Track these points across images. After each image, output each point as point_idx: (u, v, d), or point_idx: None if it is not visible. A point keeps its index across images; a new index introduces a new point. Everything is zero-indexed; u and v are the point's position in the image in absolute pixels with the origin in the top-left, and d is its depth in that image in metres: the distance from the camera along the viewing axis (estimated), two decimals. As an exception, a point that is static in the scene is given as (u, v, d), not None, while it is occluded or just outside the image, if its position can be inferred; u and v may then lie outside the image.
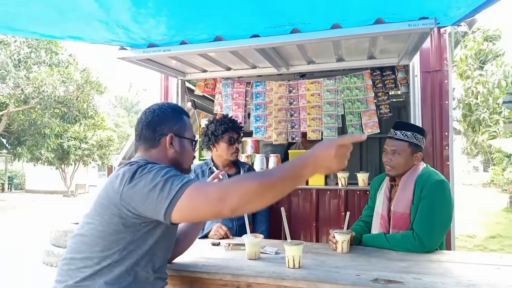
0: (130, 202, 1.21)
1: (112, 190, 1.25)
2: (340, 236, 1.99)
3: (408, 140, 2.13)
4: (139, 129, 1.46)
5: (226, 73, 3.36)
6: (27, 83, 13.31)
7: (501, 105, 7.67)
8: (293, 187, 1.19)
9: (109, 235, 1.23)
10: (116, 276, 1.23)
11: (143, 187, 1.19)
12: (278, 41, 2.17)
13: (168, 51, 2.35)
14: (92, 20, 1.76)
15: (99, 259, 1.23)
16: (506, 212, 12.90)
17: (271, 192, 1.14)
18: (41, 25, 1.80)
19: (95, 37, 2.04)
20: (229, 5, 1.52)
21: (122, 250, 1.24)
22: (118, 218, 1.22)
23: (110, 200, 1.24)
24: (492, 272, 1.67)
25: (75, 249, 1.27)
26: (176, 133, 1.46)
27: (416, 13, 1.91)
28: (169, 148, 1.44)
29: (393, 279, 1.54)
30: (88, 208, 1.32)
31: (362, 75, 3.17)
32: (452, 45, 2.97)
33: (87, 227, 1.27)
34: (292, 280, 1.57)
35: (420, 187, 2.06)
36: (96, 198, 1.31)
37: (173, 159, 1.45)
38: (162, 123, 1.44)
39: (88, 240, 1.25)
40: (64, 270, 1.27)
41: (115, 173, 1.32)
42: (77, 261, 1.25)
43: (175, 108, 1.52)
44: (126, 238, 1.24)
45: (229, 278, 1.64)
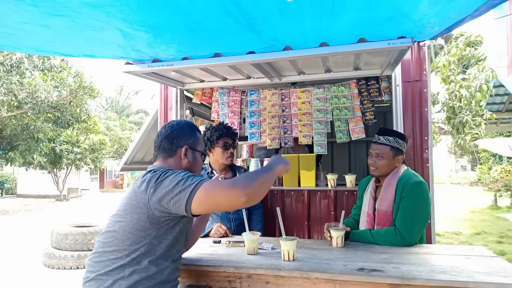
0: (157, 201, 1.44)
1: (140, 193, 1.48)
2: (335, 232, 2.22)
3: (390, 145, 2.37)
4: (158, 140, 1.71)
5: (222, 83, 3.55)
6: (20, 89, 13.30)
7: (484, 107, 8.00)
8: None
9: (137, 231, 1.45)
10: (143, 266, 1.45)
11: (167, 185, 1.44)
12: (272, 57, 2.39)
13: (171, 65, 2.55)
14: (112, 45, 1.97)
15: (128, 251, 1.45)
16: (491, 210, 13.23)
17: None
18: (65, 47, 2.00)
19: (106, 55, 2.24)
20: (229, 31, 1.74)
21: (148, 244, 1.46)
22: (146, 217, 1.45)
23: (139, 201, 1.47)
24: (462, 261, 1.92)
25: (106, 243, 1.49)
26: (190, 146, 1.72)
27: (395, 33, 2.15)
28: (183, 158, 1.70)
29: (375, 268, 1.76)
30: (117, 209, 1.55)
31: (349, 84, 3.39)
32: (432, 56, 3.22)
33: (118, 225, 1.49)
34: (287, 271, 1.78)
35: (401, 187, 2.29)
36: (125, 200, 1.53)
37: (186, 168, 1.69)
38: (179, 137, 1.70)
39: (119, 236, 1.47)
40: (95, 262, 1.48)
41: (141, 178, 1.55)
42: (108, 254, 1.46)
43: (190, 125, 1.78)
44: (152, 234, 1.47)
45: (232, 270, 1.85)
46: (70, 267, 5.64)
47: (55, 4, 1.40)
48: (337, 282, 1.73)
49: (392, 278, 1.66)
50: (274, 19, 1.62)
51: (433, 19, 1.86)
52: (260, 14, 1.54)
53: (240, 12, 1.48)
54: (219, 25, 1.66)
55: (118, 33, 1.73)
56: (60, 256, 5.62)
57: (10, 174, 26.51)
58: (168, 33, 1.81)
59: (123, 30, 1.69)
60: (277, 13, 1.53)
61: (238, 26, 1.67)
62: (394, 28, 2.09)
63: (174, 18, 1.58)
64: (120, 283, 1.42)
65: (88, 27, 1.65)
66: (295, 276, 1.78)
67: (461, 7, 1.74)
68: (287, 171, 1.75)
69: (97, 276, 1.46)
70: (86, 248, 5.70)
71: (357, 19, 1.72)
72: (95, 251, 1.53)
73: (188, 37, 1.89)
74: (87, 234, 5.73)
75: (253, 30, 1.73)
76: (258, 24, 1.67)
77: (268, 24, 1.68)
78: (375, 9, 1.59)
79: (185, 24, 1.66)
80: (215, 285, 1.90)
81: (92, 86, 14.16)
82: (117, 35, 1.75)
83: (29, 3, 1.35)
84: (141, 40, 1.90)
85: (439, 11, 1.73)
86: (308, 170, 3.34)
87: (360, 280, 1.70)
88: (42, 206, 16.99)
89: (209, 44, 2.05)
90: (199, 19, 1.58)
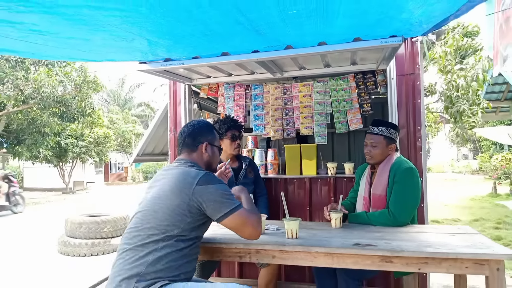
0: (200, 199, 1.74)
1: (184, 183, 1.77)
2: (334, 214, 2.46)
3: (384, 134, 2.60)
4: (182, 138, 2.01)
5: (228, 78, 3.75)
6: (25, 84, 13.51)
7: (483, 96, 8.15)
8: None
9: (176, 215, 1.73)
10: (174, 242, 1.72)
11: (213, 193, 1.77)
12: (275, 56, 2.60)
13: (182, 64, 2.77)
14: (136, 51, 2.20)
15: (164, 230, 1.72)
16: (491, 197, 13.42)
17: None
18: (93, 55, 2.22)
19: (126, 59, 2.46)
20: (237, 35, 1.96)
21: (182, 227, 1.74)
22: (186, 205, 1.74)
23: (182, 190, 1.75)
24: (447, 238, 2.15)
25: (144, 220, 1.75)
26: (209, 142, 2.03)
27: (386, 32, 2.36)
28: (204, 152, 2.01)
29: (369, 244, 2.00)
30: (155, 192, 1.83)
31: (347, 78, 3.59)
32: (425, 50, 3.42)
33: (158, 206, 1.75)
34: (291, 246, 2.02)
35: (393, 173, 2.52)
36: (165, 185, 1.81)
37: (207, 161, 2.03)
38: (200, 135, 2.01)
39: (159, 216, 1.74)
40: (133, 235, 1.75)
41: (184, 169, 1.86)
42: (145, 229, 1.73)
43: (208, 124, 2.09)
44: (186, 220, 1.75)
45: (242, 246, 2.09)
46: (84, 254, 5.93)
47: (99, 21, 1.64)
48: (334, 255, 1.97)
49: (383, 251, 1.90)
50: (277, 25, 1.84)
51: (419, 18, 2.07)
52: (265, 21, 1.76)
53: (248, 21, 1.70)
54: (229, 31, 1.88)
55: (145, 42, 1.96)
56: (75, 244, 5.91)
57: (16, 168, 26.85)
58: (186, 39, 2.03)
59: (150, 40, 1.93)
60: (280, 21, 1.75)
61: (245, 31, 1.89)
62: (385, 28, 2.30)
63: (193, 28, 1.81)
64: (153, 254, 1.68)
65: (122, 38, 1.89)
66: (298, 251, 2.02)
67: (443, 7, 1.94)
68: None
69: (134, 247, 1.71)
70: (99, 236, 5.98)
71: (350, 24, 1.93)
72: (133, 226, 1.79)
73: (202, 41, 2.11)
74: (100, 223, 6.00)
75: (258, 34, 1.95)
76: (263, 29, 1.89)
77: (272, 29, 1.90)
78: (364, 15, 1.80)
79: (201, 32, 1.89)
80: (228, 260, 2.14)
81: (96, 80, 14.36)
82: (143, 43, 1.98)
83: (81, 22, 1.59)
84: (162, 46, 2.13)
85: (423, 12, 1.93)
86: (309, 159, 3.57)
87: (354, 253, 1.93)
88: (49, 199, 17.31)
89: (219, 46, 2.27)
90: (213, 27, 1.81)
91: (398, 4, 1.77)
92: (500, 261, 1.78)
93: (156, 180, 1.95)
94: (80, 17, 1.58)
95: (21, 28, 1.63)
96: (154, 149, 5.40)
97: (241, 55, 2.64)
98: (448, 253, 1.83)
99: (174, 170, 1.89)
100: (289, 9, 1.63)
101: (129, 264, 1.67)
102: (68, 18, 1.58)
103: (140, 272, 1.64)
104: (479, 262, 1.80)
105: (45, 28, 1.66)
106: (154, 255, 1.68)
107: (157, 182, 1.91)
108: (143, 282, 1.62)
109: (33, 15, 1.52)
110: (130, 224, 1.83)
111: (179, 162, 1.96)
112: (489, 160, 20.50)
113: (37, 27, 1.64)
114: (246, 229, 1.86)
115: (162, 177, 1.92)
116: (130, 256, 1.69)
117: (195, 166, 1.94)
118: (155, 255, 1.68)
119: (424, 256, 1.86)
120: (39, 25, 1.62)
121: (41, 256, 6.22)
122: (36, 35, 1.72)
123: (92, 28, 1.72)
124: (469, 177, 24.48)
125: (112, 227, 6.09)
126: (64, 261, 5.80)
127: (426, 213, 3.18)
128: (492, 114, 12.18)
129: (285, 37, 2.09)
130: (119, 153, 31.90)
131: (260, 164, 3.67)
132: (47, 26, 1.62)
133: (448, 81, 7.15)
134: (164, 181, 1.86)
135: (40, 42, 1.82)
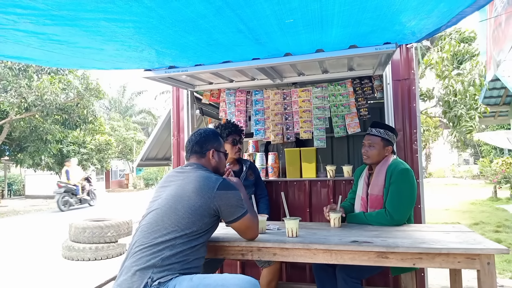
0: (219, 203, 1.93)
1: (207, 187, 1.93)
2: (333, 213, 2.56)
3: (381, 136, 2.71)
4: (190, 145, 2.16)
5: (229, 85, 3.86)
6: (28, 92, 13.65)
7: (481, 101, 8.25)
8: None
9: (196, 214, 1.89)
10: (190, 239, 1.87)
11: (230, 199, 1.97)
12: (274, 62, 2.71)
13: (185, 71, 2.88)
14: (144, 60, 2.31)
15: (184, 227, 1.86)
16: (491, 201, 13.43)
17: None
18: (102, 63, 2.33)
19: (133, 67, 2.58)
20: (239, 44, 2.07)
21: (199, 227, 1.90)
22: (207, 207, 1.90)
23: (205, 193, 1.91)
24: (441, 235, 2.24)
25: (164, 216, 1.88)
26: (216, 149, 2.18)
27: (380, 40, 2.47)
28: (211, 159, 2.16)
29: (366, 241, 2.09)
30: (178, 192, 1.96)
31: (345, 83, 3.69)
32: (419, 57, 3.53)
33: (180, 204, 1.89)
34: (291, 243, 2.11)
35: (390, 174, 2.62)
36: (189, 186, 1.95)
37: (214, 166, 2.18)
38: (207, 142, 2.16)
39: (180, 213, 1.88)
40: (151, 229, 1.87)
41: (203, 173, 2.01)
42: (166, 224, 1.86)
43: (214, 132, 2.23)
44: (204, 220, 1.91)
45: (244, 244, 2.18)
46: (88, 258, 6.00)
47: (113, 32, 1.76)
48: (333, 251, 2.06)
49: (379, 247, 1.99)
50: (276, 34, 1.95)
51: (411, 29, 2.18)
52: (264, 31, 1.87)
53: (249, 30, 1.81)
54: (232, 40, 2.00)
55: (153, 52, 2.08)
56: (79, 248, 5.99)
57: (17, 176, 26.94)
58: (191, 49, 2.15)
59: (158, 50, 2.05)
60: (278, 30, 1.87)
61: (246, 40, 2.00)
62: (378, 38, 2.41)
63: (198, 38, 1.92)
64: (170, 248, 1.82)
65: (133, 48, 2.01)
66: (298, 248, 2.11)
67: (434, 20, 2.05)
68: None
69: (152, 240, 1.84)
70: (103, 240, 6.06)
71: (344, 33, 2.04)
72: (152, 221, 1.91)
73: (206, 51, 2.23)
74: (104, 228, 6.08)
75: (258, 43, 2.07)
76: (262, 39, 2.00)
77: (271, 38, 2.01)
78: (358, 26, 1.91)
79: (206, 42, 2.00)
80: (230, 257, 2.23)
81: (98, 88, 14.50)
82: (152, 53, 2.10)
83: (97, 33, 1.71)
84: (169, 56, 2.25)
85: (416, 25, 2.05)
86: (309, 162, 3.67)
87: (352, 249, 2.03)
88: (51, 206, 17.35)
89: (221, 55, 2.39)
90: (217, 37, 1.92)
91: (390, 18, 1.89)
92: (490, 256, 1.87)
93: (170, 181, 2.07)
94: (97, 29, 1.70)
95: (43, 38, 1.75)
96: (157, 153, 5.52)
97: (242, 62, 2.75)
98: (441, 248, 1.92)
99: (191, 173, 2.03)
100: (286, 18, 1.74)
101: (147, 257, 1.79)
102: (86, 29, 1.70)
103: (156, 264, 1.77)
104: (471, 256, 1.89)
105: (64, 38, 1.78)
106: (171, 250, 1.81)
107: (172, 182, 2.04)
108: (157, 274, 1.75)
109: (56, 27, 1.64)
110: (146, 219, 1.95)
111: (192, 165, 2.11)
112: (489, 165, 20.54)
113: (57, 37, 1.76)
114: (249, 232, 2.11)
115: (177, 178, 2.05)
116: (147, 249, 1.82)
117: (208, 171, 2.11)
118: (172, 250, 1.82)
119: (418, 251, 1.94)
120: (59, 36, 1.74)
121: (45, 261, 6.29)
122: (55, 45, 1.84)
123: (107, 38, 1.83)
124: (470, 182, 24.49)
125: (116, 232, 6.17)
126: (68, 265, 5.87)
127: (423, 214, 3.27)
128: (491, 119, 12.30)
129: (283, 46, 2.21)
130: (120, 160, 31.99)
131: (261, 168, 3.77)
132: (67, 36, 1.74)
133: (445, 86, 7.25)
134: (182, 182, 1.99)
135: (56, 51, 1.93)
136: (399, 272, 2.64)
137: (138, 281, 1.73)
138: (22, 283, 5.13)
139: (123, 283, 1.77)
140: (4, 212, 15.10)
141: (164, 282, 1.75)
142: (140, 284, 1.72)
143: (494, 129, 18.34)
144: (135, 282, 1.74)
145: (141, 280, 1.74)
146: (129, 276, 1.77)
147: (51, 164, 19.11)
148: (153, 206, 1.99)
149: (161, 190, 2.07)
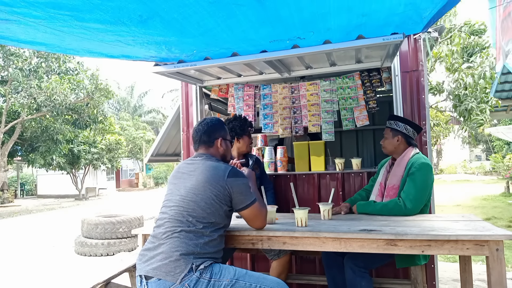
0: (231, 189, 2.01)
1: (218, 175, 2.00)
2: (323, 206, 2.57)
3: (390, 127, 2.79)
4: (198, 136, 2.20)
5: (237, 79, 3.89)
6: (39, 92, 13.86)
7: (493, 94, 8.14)
8: None
9: (215, 203, 1.97)
10: (211, 231, 1.96)
11: (241, 185, 2.04)
12: (282, 55, 2.73)
13: (194, 65, 2.92)
14: (150, 50, 2.35)
15: (208, 218, 1.95)
16: (504, 197, 13.30)
17: None
18: (112, 49, 2.37)
19: (140, 56, 2.61)
20: (243, 20, 2.06)
21: (219, 216, 1.99)
22: (222, 195, 1.99)
23: (218, 182, 1.98)
24: (451, 224, 2.24)
25: (188, 209, 1.96)
26: (223, 137, 2.23)
27: (387, 30, 2.47)
28: (220, 147, 2.21)
29: (374, 229, 2.10)
30: (194, 184, 2.02)
31: (353, 76, 3.69)
32: (428, 48, 3.51)
33: (199, 197, 1.96)
34: (300, 232, 2.13)
35: (409, 166, 2.65)
36: (201, 177, 2.01)
37: (222, 154, 2.23)
38: (214, 131, 2.21)
39: (202, 205, 1.96)
40: (176, 220, 1.95)
41: (212, 163, 2.08)
42: (189, 217, 1.94)
43: (220, 121, 2.29)
44: (223, 208, 2.00)
45: (254, 234, 2.21)
46: (100, 254, 6.10)
47: (130, 30, 1.79)
48: (342, 240, 2.08)
49: (387, 235, 2.00)
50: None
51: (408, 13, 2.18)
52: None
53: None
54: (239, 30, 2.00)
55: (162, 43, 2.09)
56: (91, 244, 6.09)
57: (30, 176, 27.37)
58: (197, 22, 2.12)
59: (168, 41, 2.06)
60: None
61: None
62: (385, 26, 2.41)
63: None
64: (203, 238, 1.92)
65: (145, 41, 2.03)
66: (307, 237, 2.13)
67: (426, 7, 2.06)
68: None
69: (185, 228, 1.92)
70: (114, 236, 6.15)
71: (351, 25, 2.04)
72: (175, 213, 1.97)
73: (216, 38, 2.25)
74: (115, 224, 6.17)
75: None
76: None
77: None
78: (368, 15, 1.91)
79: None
80: (241, 246, 2.26)
81: (108, 87, 14.66)
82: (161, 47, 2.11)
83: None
84: (178, 44, 2.25)
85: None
86: (317, 156, 3.67)
87: (361, 237, 2.04)
88: (63, 205, 17.61)
89: (230, 40, 2.38)
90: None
91: None
92: (499, 242, 1.87)
93: (182, 172, 2.12)
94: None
95: (53, 13, 1.75)
96: (167, 149, 5.58)
97: (250, 55, 2.78)
98: (449, 235, 1.92)
99: (201, 163, 2.09)
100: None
101: (186, 243, 1.88)
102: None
103: (195, 251, 1.88)
104: (479, 243, 1.90)
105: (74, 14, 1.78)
106: (204, 239, 1.92)
107: (185, 174, 2.09)
108: (198, 260, 1.87)
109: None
110: (170, 210, 2.00)
111: (201, 156, 2.16)
112: (502, 160, 20.27)
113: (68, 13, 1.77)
114: (257, 220, 2.16)
115: (187, 169, 2.11)
116: (184, 237, 1.90)
117: (217, 160, 2.16)
118: (205, 239, 1.93)
119: (427, 238, 1.95)
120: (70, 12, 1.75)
121: (59, 256, 6.41)
122: (64, 21, 1.82)
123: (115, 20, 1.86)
124: (482, 178, 24.22)
125: (127, 228, 6.25)
126: (81, 260, 5.97)
127: (433, 207, 3.25)
128: (503, 113, 12.11)
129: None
130: (130, 160, 32.29)
131: (270, 162, 3.79)
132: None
133: (455, 79, 7.19)
134: (195, 172, 2.05)
135: (66, 31, 1.94)
136: (404, 265, 2.64)
137: (182, 266, 1.83)
138: (36, 278, 5.23)
139: (162, 267, 1.84)
140: (18, 211, 15.37)
141: (208, 266, 1.87)
142: (184, 269, 1.82)
143: (506, 124, 18.07)
144: (178, 267, 1.83)
145: (185, 265, 1.83)
146: (171, 261, 1.84)
147: (62, 164, 19.40)
148: (173, 199, 2.04)
149: (176, 182, 2.12)
